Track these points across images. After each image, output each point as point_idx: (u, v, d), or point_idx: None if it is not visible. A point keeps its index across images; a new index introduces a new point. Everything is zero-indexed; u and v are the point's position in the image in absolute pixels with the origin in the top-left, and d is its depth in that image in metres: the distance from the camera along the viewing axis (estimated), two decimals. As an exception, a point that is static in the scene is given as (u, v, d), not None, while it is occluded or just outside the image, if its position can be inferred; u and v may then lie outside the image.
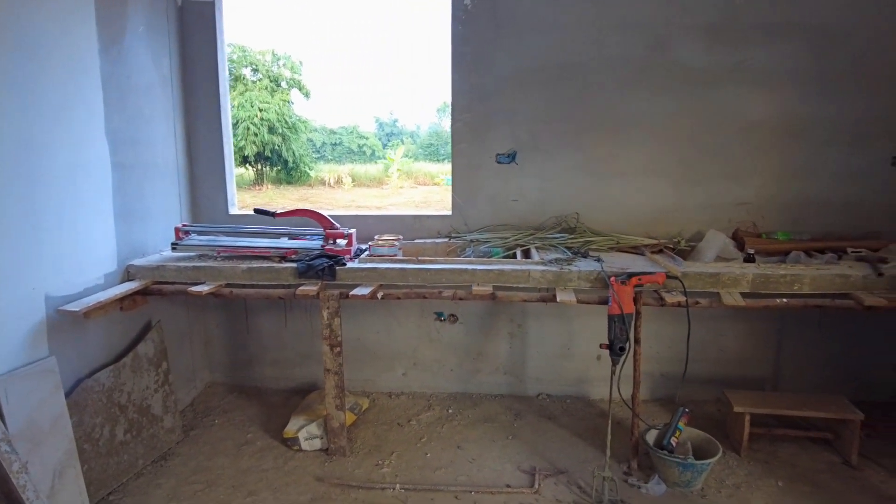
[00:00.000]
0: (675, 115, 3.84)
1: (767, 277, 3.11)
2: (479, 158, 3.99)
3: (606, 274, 3.07)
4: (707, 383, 4.01)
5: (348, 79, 42.97)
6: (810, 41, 3.71)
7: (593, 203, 3.94)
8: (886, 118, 3.75)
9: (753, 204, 3.87)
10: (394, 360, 4.23)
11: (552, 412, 3.95)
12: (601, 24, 3.79)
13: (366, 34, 43.26)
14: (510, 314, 4.09)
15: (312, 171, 22.82)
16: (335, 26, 42.24)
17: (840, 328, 3.91)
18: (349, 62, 43.67)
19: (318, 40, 41.17)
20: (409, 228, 4.01)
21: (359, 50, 43.05)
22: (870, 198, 3.81)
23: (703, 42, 3.75)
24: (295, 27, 40.80)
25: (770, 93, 3.79)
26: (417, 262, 3.31)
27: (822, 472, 3.24)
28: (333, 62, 42.78)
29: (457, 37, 3.89)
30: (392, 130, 33.22)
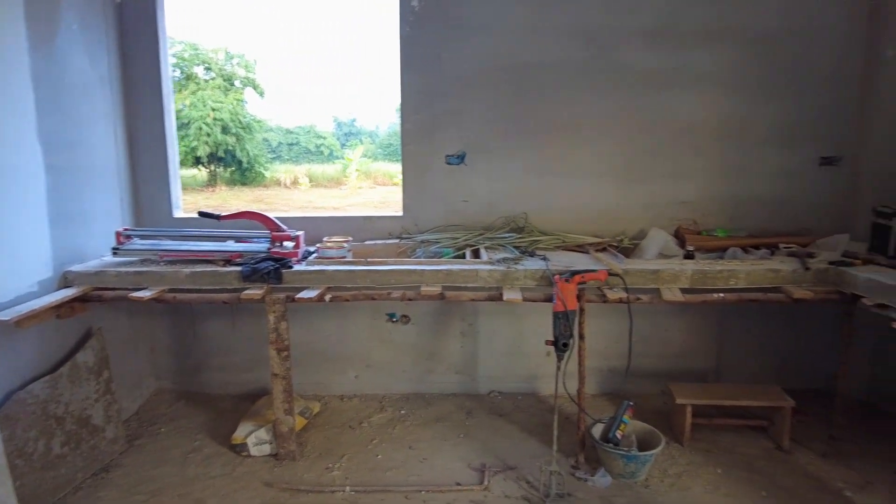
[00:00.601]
0: (619, 117, 3.94)
1: (705, 273, 3.23)
2: (428, 159, 4.01)
3: (551, 272, 3.13)
4: (652, 376, 4.13)
5: (305, 77, 42.37)
6: (746, 47, 3.87)
7: (541, 203, 4.02)
8: (815, 121, 3.95)
9: (694, 202, 4.02)
10: (346, 363, 4.21)
11: (503, 409, 4.00)
12: (546, 27, 3.86)
13: (323, 33, 42.75)
14: (462, 313, 4.13)
15: (268, 171, 22.44)
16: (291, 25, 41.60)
17: (774, 320, 4.10)
18: (306, 61, 43.08)
19: (272, 39, 40.47)
20: (360, 230, 4.00)
21: (316, 48, 42.53)
22: (800, 196, 4.00)
23: (646, 46, 3.87)
24: (249, 25, 40.00)
25: (708, 95, 3.94)
26: (366, 264, 3.31)
27: (758, 458, 3.39)
28: (289, 61, 42.11)
29: (405, 39, 3.91)
30: (351, 130, 32.94)
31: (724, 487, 3.11)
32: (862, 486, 3.11)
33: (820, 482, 3.15)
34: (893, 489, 3.08)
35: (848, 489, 3.08)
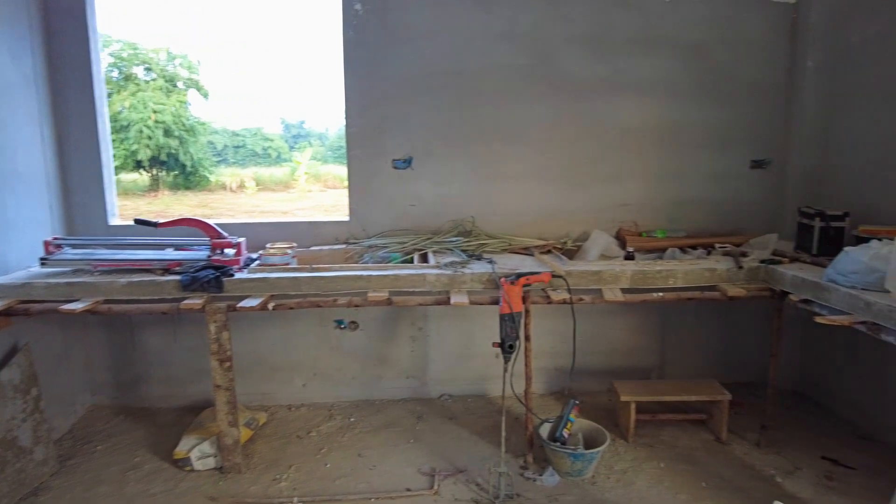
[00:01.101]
0: (561, 122, 4.03)
1: (645, 273, 3.33)
2: (375, 164, 3.98)
3: (497, 275, 3.17)
4: (598, 374, 4.23)
5: (252, 79, 41.41)
6: (680, 55, 4.03)
7: (488, 206, 4.06)
8: (745, 126, 4.14)
9: (634, 204, 4.14)
10: (293, 372, 4.13)
11: (454, 412, 4.02)
12: (489, 33, 3.91)
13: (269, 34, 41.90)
14: (411, 318, 4.12)
15: (213, 175, 21.78)
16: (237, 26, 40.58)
17: (712, 317, 4.27)
18: (253, 62, 42.08)
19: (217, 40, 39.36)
20: (305, 236, 3.93)
21: (263, 50, 41.63)
22: (733, 197, 4.19)
23: (584, 53, 3.96)
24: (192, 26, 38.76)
25: (646, 101, 4.07)
26: (311, 271, 3.26)
27: (698, 450, 3.52)
28: (235, 62, 41.06)
29: (348, 42, 3.87)
30: (299, 132, 32.32)
31: (667, 480, 3.22)
32: (791, 471, 3.28)
33: (754, 470, 3.30)
34: (818, 472, 3.27)
35: (778, 475, 3.24)
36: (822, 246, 3.41)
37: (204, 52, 38.87)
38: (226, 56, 37.69)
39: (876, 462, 3.34)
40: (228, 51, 38.13)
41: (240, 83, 41.61)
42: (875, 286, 2.71)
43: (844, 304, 2.80)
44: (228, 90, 40.47)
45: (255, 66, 40.44)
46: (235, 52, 39.10)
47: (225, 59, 39.40)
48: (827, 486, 3.15)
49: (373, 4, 3.84)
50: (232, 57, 38.64)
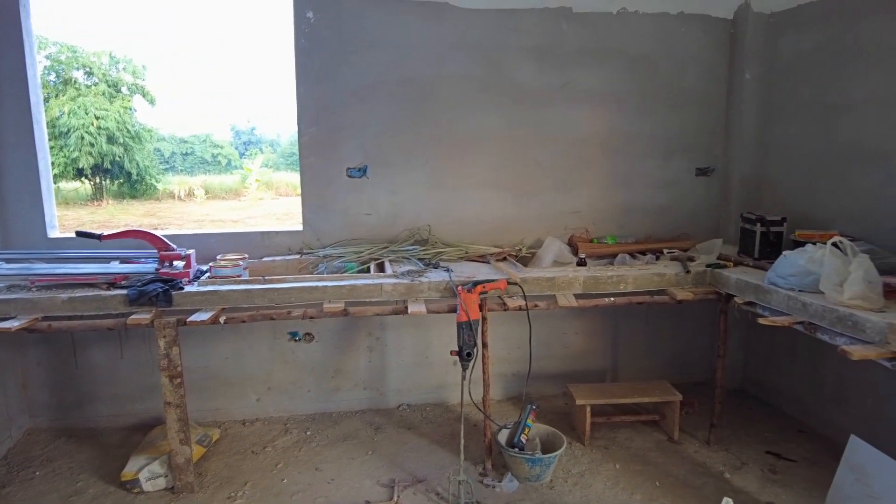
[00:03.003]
0: (514, 131, 4.09)
1: (597, 279, 3.41)
2: (329, 172, 3.94)
3: (454, 283, 3.18)
4: (554, 378, 4.30)
5: (201, 85, 40.34)
6: (627, 66, 4.15)
7: (444, 215, 4.07)
8: (690, 135, 4.30)
9: (585, 212, 4.24)
10: (246, 386, 4.03)
11: (412, 422, 4.00)
12: (443, 43, 3.93)
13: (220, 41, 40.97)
14: (368, 328, 4.09)
15: (160, 183, 21.11)
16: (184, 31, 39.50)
17: (662, 320, 4.40)
18: (202, 68, 41.01)
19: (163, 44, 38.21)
20: (257, 246, 3.85)
21: (213, 56, 40.65)
22: (680, 204, 4.34)
23: (535, 63, 4.04)
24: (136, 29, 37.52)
25: (596, 111, 4.17)
26: (264, 282, 3.19)
27: (651, 450, 3.61)
28: (183, 68, 39.93)
29: (301, 50, 3.83)
30: (250, 139, 31.74)
31: (623, 481, 3.29)
32: (738, 467, 3.41)
33: (704, 468, 3.41)
34: (763, 466, 3.41)
35: (727, 471, 3.37)
36: (764, 250, 3.57)
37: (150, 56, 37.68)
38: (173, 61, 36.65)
39: (814, 454, 3.52)
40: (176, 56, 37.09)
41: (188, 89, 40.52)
42: (811, 288, 2.85)
43: (784, 305, 2.93)
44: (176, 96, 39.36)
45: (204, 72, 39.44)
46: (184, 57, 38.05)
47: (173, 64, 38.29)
48: (771, 479, 3.29)
49: (325, 13, 3.81)
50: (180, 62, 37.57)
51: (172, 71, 38.65)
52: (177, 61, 39.44)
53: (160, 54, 36.76)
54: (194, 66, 40.38)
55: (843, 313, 2.59)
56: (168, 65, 37.81)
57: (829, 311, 2.66)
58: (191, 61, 40.30)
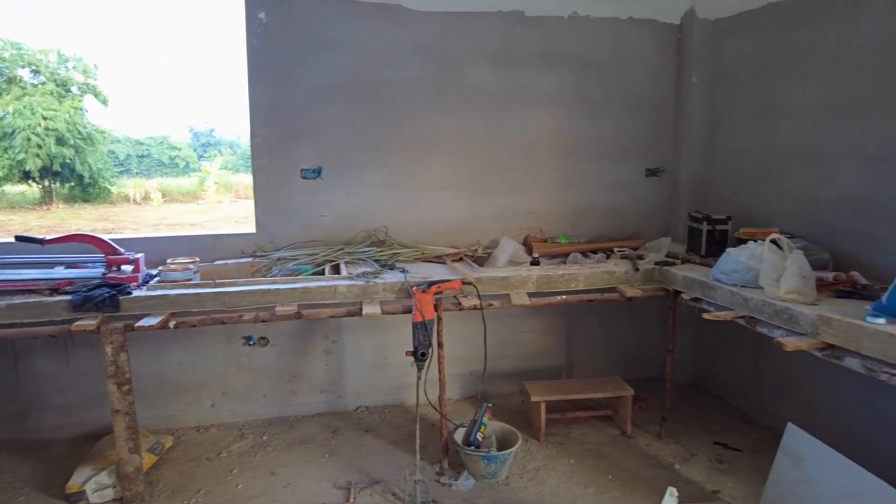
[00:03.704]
0: (470, 133, 4.13)
1: (550, 278, 3.48)
2: (283, 174, 3.91)
3: (409, 284, 3.19)
4: (511, 377, 4.35)
5: (157, 86, 39.29)
6: (579, 70, 4.24)
7: (400, 216, 4.08)
8: (640, 137, 4.42)
9: (539, 212, 4.31)
10: (200, 392, 3.95)
11: (370, 424, 3.99)
12: (399, 45, 3.94)
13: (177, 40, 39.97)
14: (325, 331, 4.06)
15: (114, 186, 20.46)
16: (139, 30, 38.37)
17: (616, 317, 4.51)
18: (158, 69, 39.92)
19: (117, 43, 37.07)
20: (209, 249, 3.79)
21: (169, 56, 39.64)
22: (630, 204, 4.46)
23: (489, 67, 4.09)
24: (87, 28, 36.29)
25: (549, 114, 4.25)
26: (215, 286, 3.14)
27: (605, 445, 3.70)
28: (137, 67, 38.81)
29: (253, 51, 3.79)
30: (209, 140, 31.02)
31: (577, 476, 3.36)
32: (687, 458, 3.53)
33: (656, 460, 3.52)
34: (711, 457, 3.54)
35: (677, 463, 3.47)
36: (710, 247, 3.70)
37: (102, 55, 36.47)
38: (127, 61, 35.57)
39: (758, 443, 3.66)
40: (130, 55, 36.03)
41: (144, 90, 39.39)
42: (752, 283, 2.97)
43: (727, 300, 3.05)
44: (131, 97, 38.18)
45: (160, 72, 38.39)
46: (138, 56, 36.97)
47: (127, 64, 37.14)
48: (718, 468, 3.41)
49: (278, 14, 3.78)
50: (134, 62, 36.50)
51: (126, 71, 37.55)
52: (131, 61, 38.33)
53: (113, 53, 35.65)
54: (150, 65, 39.29)
55: (780, 307, 2.71)
56: (122, 64, 36.70)
57: (768, 305, 2.77)
58: (146, 61, 39.22)
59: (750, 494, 3.12)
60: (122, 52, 36.34)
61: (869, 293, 2.78)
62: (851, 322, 2.36)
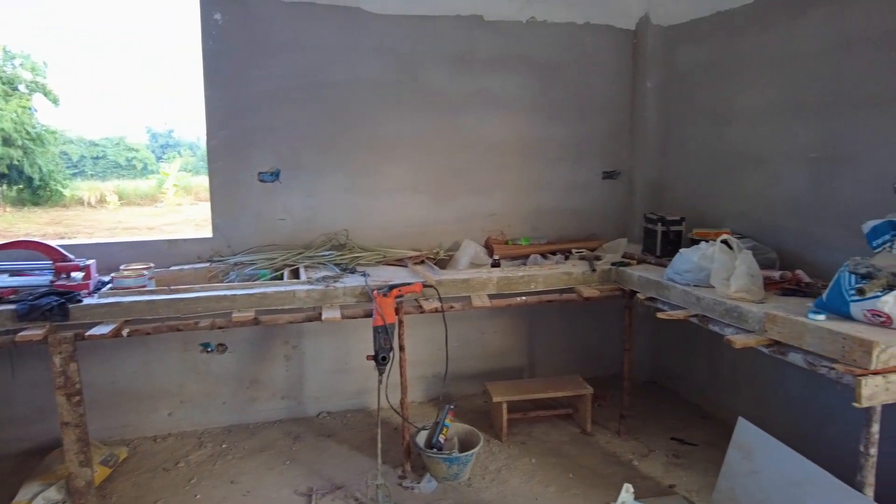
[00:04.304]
0: (430, 136, 4.15)
1: (509, 279, 3.51)
2: (240, 177, 3.85)
3: (370, 288, 3.19)
4: (474, 378, 4.38)
5: (112, 85, 38.07)
6: (537, 74, 4.30)
7: (361, 219, 4.07)
8: (597, 140, 4.51)
9: (500, 214, 4.35)
10: (157, 401, 3.86)
11: (332, 429, 3.96)
12: (358, 47, 3.93)
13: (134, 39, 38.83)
14: (284, 336, 4.02)
15: (67, 189, 19.76)
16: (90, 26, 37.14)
17: (576, 317, 4.58)
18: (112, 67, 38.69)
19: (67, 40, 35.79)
20: (164, 255, 3.70)
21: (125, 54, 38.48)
22: (589, 205, 4.54)
23: (449, 69, 4.12)
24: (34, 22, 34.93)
25: (509, 117, 4.30)
26: (170, 292, 3.07)
27: (566, 443, 3.76)
28: (91, 66, 37.55)
29: (208, 53, 3.72)
30: (168, 142, 30.25)
31: (538, 475, 3.40)
32: (646, 454, 3.61)
33: (615, 457, 3.59)
34: (668, 452, 3.63)
35: (635, 459, 3.55)
36: (665, 248, 3.79)
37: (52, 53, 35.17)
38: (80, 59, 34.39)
39: (713, 437, 3.77)
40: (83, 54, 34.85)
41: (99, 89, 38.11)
42: (704, 283, 3.06)
43: (681, 299, 3.13)
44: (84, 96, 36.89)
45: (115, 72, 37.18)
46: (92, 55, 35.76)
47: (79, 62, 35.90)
48: (675, 463, 3.51)
49: (234, 15, 3.72)
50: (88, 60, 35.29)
51: (80, 69, 36.28)
52: (84, 59, 37.07)
53: (64, 52, 34.38)
54: (104, 64, 38.06)
55: (730, 305, 2.80)
56: (74, 63, 35.43)
57: (719, 303, 2.86)
58: (100, 59, 37.99)
59: (704, 487, 3.21)
60: (74, 51, 35.09)
61: (812, 290, 2.90)
62: (794, 319, 2.46)
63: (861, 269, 2.45)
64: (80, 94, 35.78)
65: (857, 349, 2.20)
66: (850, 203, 3.07)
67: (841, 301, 2.45)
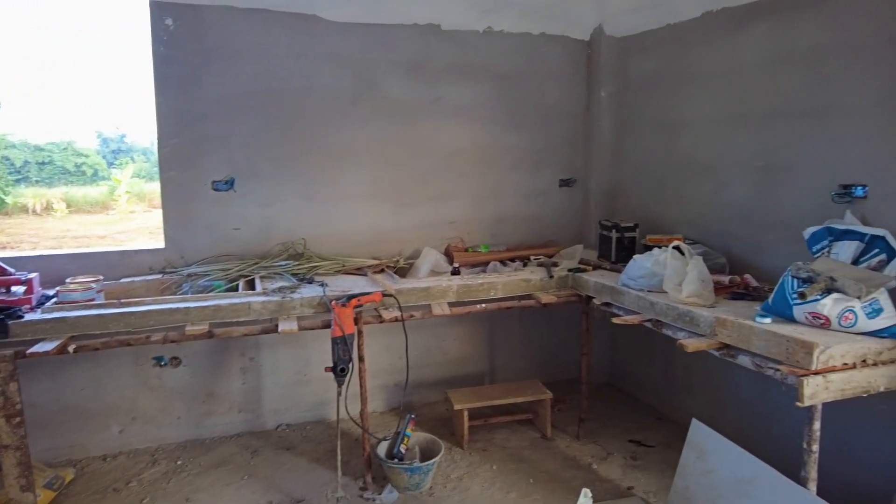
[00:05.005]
0: (389, 143, 4.14)
1: (469, 287, 3.53)
2: (193, 186, 3.76)
3: (328, 298, 3.15)
4: (436, 385, 4.38)
5: (59, 87, 36.61)
6: (494, 83, 4.35)
7: (320, 228, 4.02)
8: (554, 148, 4.59)
9: (460, 221, 4.38)
10: (107, 418, 3.71)
11: (291, 442, 3.90)
12: (314, 54, 3.90)
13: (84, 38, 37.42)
14: (241, 348, 3.93)
15: (9, 196, 18.89)
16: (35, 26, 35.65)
17: (535, 322, 4.64)
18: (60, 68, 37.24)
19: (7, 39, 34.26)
20: (115, 267, 3.58)
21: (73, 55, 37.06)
22: (546, 212, 4.61)
23: (407, 78, 4.12)
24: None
25: (467, 125, 4.33)
26: (119, 306, 2.97)
27: (526, 448, 3.79)
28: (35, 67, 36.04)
29: (159, 58, 3.62)
30: (120, 147, 29.22)
31: (499, 481, 3.42)
32: (604, 457, 3.68)
33: (574, 461, 3.64)
34: (626, 455, 3.70)
35: (594, 462, 3.61)
36: (619, 254, 3.89)
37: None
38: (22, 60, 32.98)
39: (669, 438, 3.86)
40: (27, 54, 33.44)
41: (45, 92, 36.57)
42: (657, 288, 3.14)
43: (635, 304, 3.21)
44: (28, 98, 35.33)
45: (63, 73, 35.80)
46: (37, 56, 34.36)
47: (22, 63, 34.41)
48: (632, 465, 3.58)
49: (186, 19, 3.64)
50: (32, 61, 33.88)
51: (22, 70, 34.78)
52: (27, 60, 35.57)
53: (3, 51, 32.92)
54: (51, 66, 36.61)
55: (682, 310, 2.88)
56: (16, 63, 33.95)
57: (672, 308, 2.94)
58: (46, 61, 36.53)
59: (661, 488, 3.29)
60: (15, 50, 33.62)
61: (759, 294, 3.01)
62: (743, 323, 2.55)
63: (802, 273, 2.56)
64: (25, 96, 34.29)
65: (799, 351, 2.30)
66: (793, 210, 3.20)
67: (785, 304, 2.56)
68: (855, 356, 2.32)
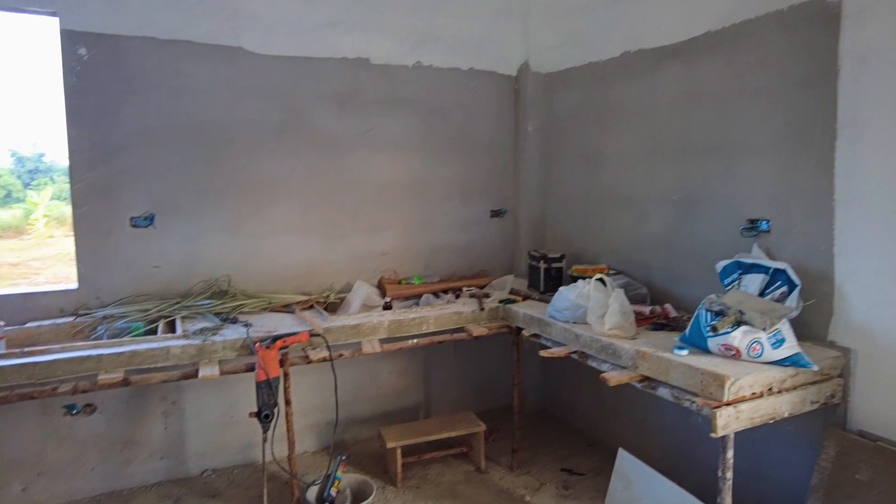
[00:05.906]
0: (317, 176, 4.09)
1: (401, 322, 3.52)
2: (109, 222, 3.58)
3: (252, 340, 3.06)
4: (370, 421, 4.31)
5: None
6: (424, 115, 4.40)
7: (245, 264, 3.91)
8: (484, 180, 4.67)
9: (393, 253, 4.36)
10: (7, 475, 3.41)
11: (217, 488, 3.72)
12: (239, 86, 3.82)
13: None
14: (162, 392, 3.73)
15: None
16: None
17: (469, 352, 4.65)
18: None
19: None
20: (19, 310, 3.34)
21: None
22: (478, 243, 4.68)
23: (335, 111, 4.10)
24: None
25: (398, 157, 4.35)
26: (22, 356, 2.77)
27: (460, 483, 3.77)
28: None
29: (71, 89, 3.45)
30: (38, 167, 27.59)
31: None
32: (537, 488, 3.71)
33: (508, 493, 3.65)
34: (558, 484, 3.75)
35: (527, 494, 3.63)
36: (548, 284, 3.97)
37: None
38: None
39: (600, 464, 3.93)
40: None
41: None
42: (582, 320, 3.22)
43: (561, 336, 3.28)
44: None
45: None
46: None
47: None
48: (564, 495, 3.62)
49: (101, 49, 3.49)
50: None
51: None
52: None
53: None
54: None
55: (605, 343, 2.97)
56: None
57: (595, 340, 3.03)
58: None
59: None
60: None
61: (678, 324, 3.15)
62: (661, 356, 2.66)
63: (714, 307, 2.70)
64: (-71, 113, 31.84)
65: (712, 383, 2.41)
66: (707, 242, 3.38)
67: (699, 337, 2.69)
68: (762, 385, 2.46)
